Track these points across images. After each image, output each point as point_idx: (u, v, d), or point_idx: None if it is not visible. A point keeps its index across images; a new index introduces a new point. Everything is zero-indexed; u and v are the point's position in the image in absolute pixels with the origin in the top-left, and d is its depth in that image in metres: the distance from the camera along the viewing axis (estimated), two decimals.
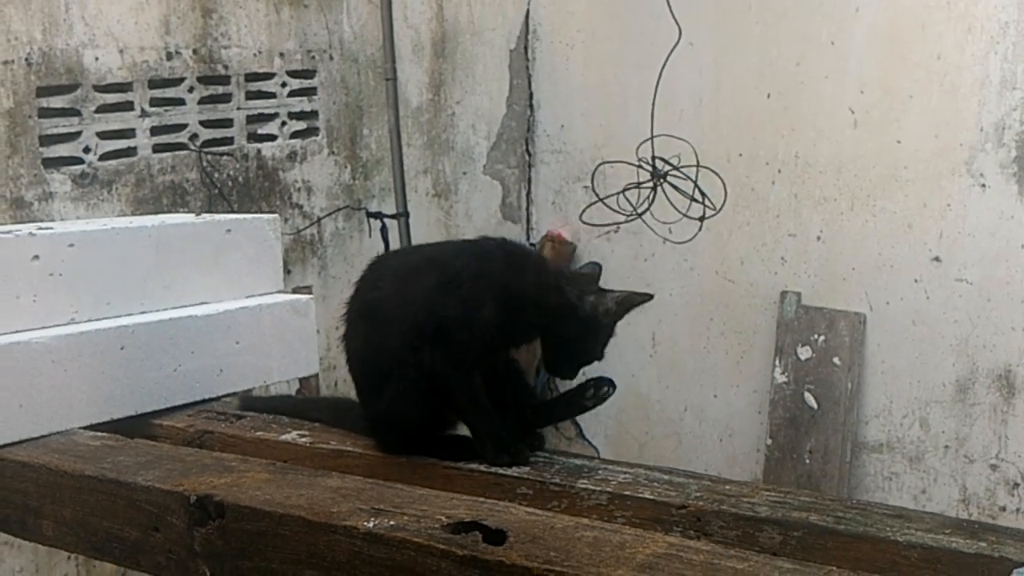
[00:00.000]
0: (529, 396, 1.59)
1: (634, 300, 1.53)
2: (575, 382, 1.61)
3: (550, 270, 1.56)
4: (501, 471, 1.44)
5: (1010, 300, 3.12)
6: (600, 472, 1.42)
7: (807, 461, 3.45)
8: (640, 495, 1.33)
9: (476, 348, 1.45)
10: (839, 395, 3.40)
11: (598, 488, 1.37)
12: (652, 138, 3.14)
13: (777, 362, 3.52)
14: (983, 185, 3.12)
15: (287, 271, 3.23)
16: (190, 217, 1.91)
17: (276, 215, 1.99)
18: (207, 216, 1.91)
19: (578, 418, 4.05)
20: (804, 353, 3.47)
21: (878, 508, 1.25)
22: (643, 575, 1.05)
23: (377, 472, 1.46)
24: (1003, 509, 3.20)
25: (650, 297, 1.52)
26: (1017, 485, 3.20)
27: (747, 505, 1.27)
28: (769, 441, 3.55)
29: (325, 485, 1.34)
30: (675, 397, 3.82)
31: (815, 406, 3.44)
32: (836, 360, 3.41)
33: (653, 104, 3.13)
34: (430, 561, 1.15)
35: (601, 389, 1.55)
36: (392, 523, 1.21)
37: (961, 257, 3.18)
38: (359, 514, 1.24)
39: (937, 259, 3.23)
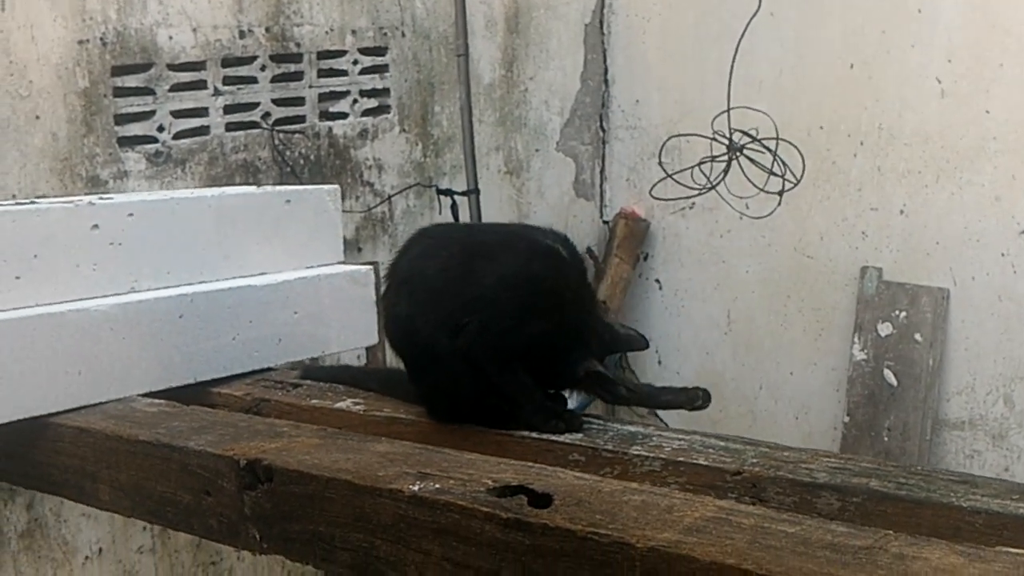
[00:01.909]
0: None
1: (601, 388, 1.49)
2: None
3: (600, 311, 1.52)
4: (553, 438, 1.42)
5: None
6: (654, 439, 1.39)
7: (885, 439, 3.35)
8: (694, 461, 1.30)
9: (518, 352, 1.43)
10: (920, 372, 3.29)
11: (651, 454, 1.34)
12: (728, 110, 3.06)
13: (856, 339, 3.42)
14: None
15: (357, 248, 3.26)
16: (251, 188, 1.93)
17: (336, 186, 1.99)
18: (267, 187, 1.92)
19: None
20: (884, 330, 3.36)
21: (942, 474, 1.19)
22: (690, 537, 1.01)
23: (429, 439, 1.46)
24: None
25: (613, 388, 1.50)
26: None
27: (805, 471, 1.23)
28: (847, 419, 3.45)
29: (373, 450, 1.34)
30: (750, 375, 3.75)
31: (895, 383, 3.33)
32: (918, 336, 3.29)
33: (731, 75, 3.05)
34: (474, 524, 1.14)
35: (708, 401, 1.50)
36: (437, 486, 1.20)
37: None
38: (405, 478, 1.23)
39: None
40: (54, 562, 2.57)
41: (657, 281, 3.93)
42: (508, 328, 1.40)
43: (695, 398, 1.49)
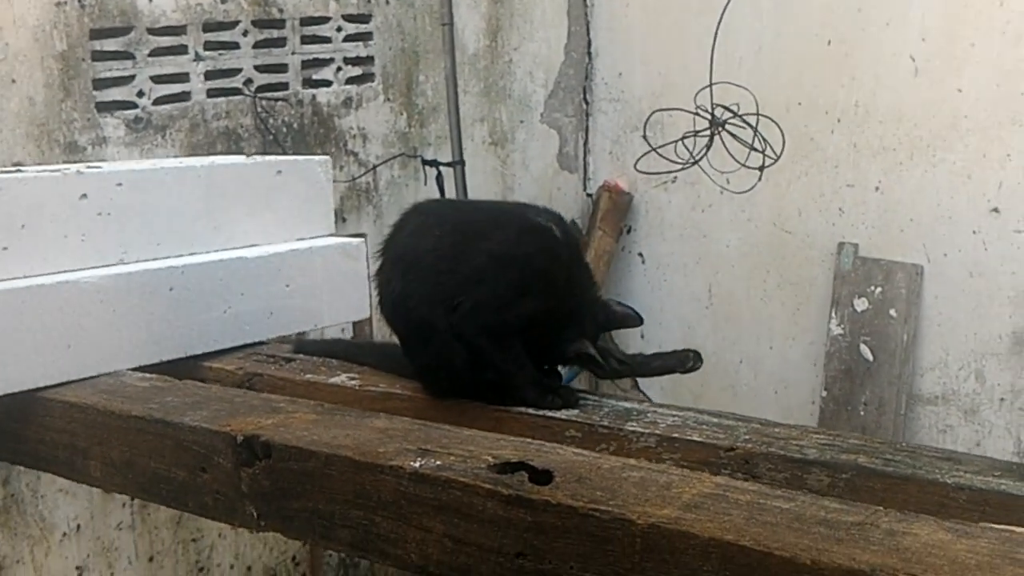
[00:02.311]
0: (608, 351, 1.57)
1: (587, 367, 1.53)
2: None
3: (595, 289, 1.53)
4: (550, 414, 1.44)
5: None
6: (649, 415, 1.41)
7: (862, 413, 3.41)
8: (688, 437, 1.32)
9: (512, 330, 1.44)
10: (895, 347, 3.34)
11: (647, 431, 1.36)
12: (711, 85, 3.06)
13: (833, 314, 3.46)
14: None
15: (342, 219, 3.24)
16: (240, 158, 1.91)
17: (328, 157, 1.98)
18: (258, 157, 1.91)
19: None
20: (860, 305, 3.40)
21: (928, 451, 1.23)
22: (689, 514, 1.03)
23: (426, 414, 1.47)
24: None
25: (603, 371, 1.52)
26: None
27: (796, 447, 1.26)
28: (824, 393, 3.50)
29: (372, 426, 1.34)
30: (731, 349, 3.79)
31: (871, 358, 3.38)
32: (892, 312, 3.34)
33: (712, 50, 3.05)
34: (476, 500, 1.15)
35: (699, 361, 1.52)
36: (438, 463, 1.21)
37: (1020, 208, 3.09)
38: (405, 454, 1.24)
39: (996, 210, 3.14)
40: (31, 539, 2.55)
41: (640, 255, 3.95)
42: (501, 306, 1.42)
43: (686, 360, 1.52)
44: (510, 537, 1.13)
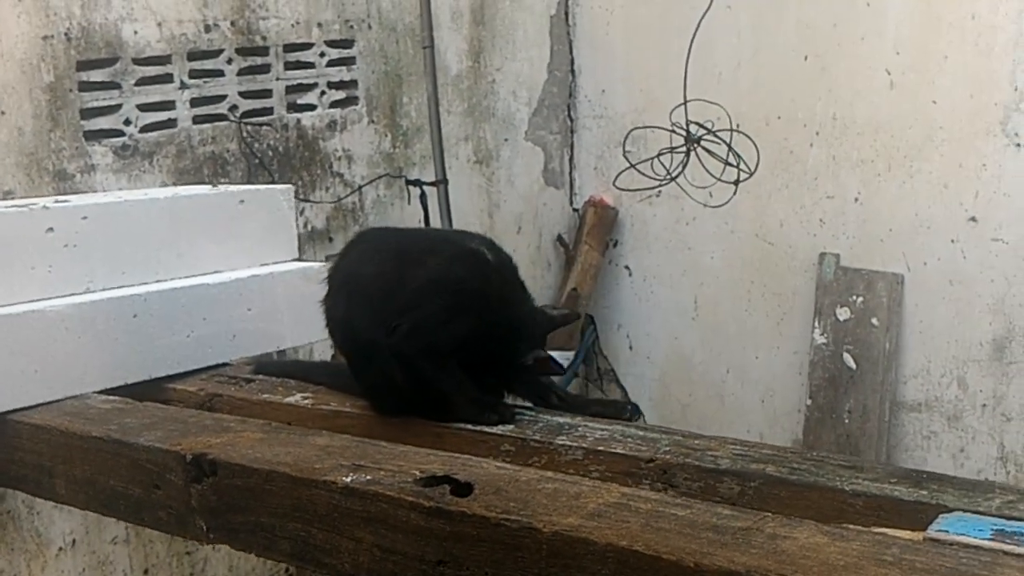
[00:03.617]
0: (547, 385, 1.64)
1: (548, 369, 1.59)
2: None
3: (530, 303, 1.60)
4: (487, 429, 1.50)
5: None
6: (579, 429, 1.47)
7: (846, 421, 3.44)
8: (613, 450, 1.38)
9: (448, 349, 1.52)
10: (877, 355, 3.37)
11: (575, 444, 1.42)
12: (685, 103, 3.13)
13: (816, 323, 3.51)
14: (1018, 144, 3.07)
15: (328, 239, 3.32)
16: (204, 188, 1.98)
17: (290, 186, 2.05)
18: (221, 187, 1.98)
19: (623, 382, 4.10)
20: (843, 314, 3.45)
21: (834, 460, 1.29)
22: (591, 522, 1.10)
23: (372, 431, 1.53)
24: None
25: (560, 371, 1.58)
26: None
27: (710, 458, 1.32)
28: (809, 402, 3.54)
29: (313, 443, 1.41)
30: (717, 359, 3.84)
31: (854, 367, 3.42)
32: (874, 321, 3.38)
33: (686, 68, 3.11)
34: (400, 512, 1.22)
35: (637, 415, 1.59)
36: (369, 477, 1.28)
37: (997, 217, 3.14)
38: (340, 470, 1.31)
39: (973, 219, 3.19)
40: (27, 554, 2.61)
41: (627, 267, 4.01)
42: (436, 327, 1.49)
43: (623, 410, 1.59)
44: (432, 546, 1.19)
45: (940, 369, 3.34)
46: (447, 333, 1.49)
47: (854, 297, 3.43)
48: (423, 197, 3.41)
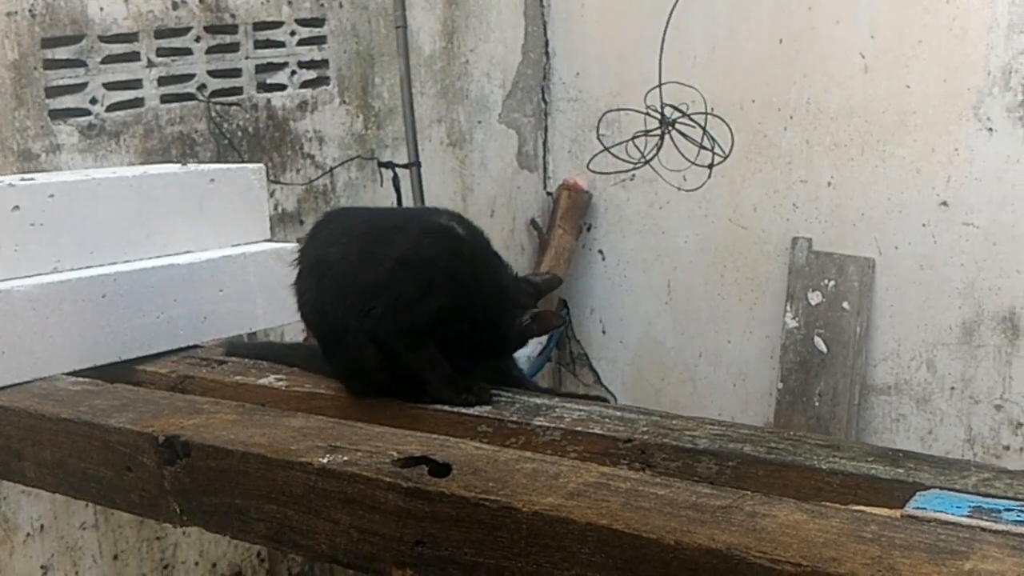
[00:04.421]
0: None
1: (551, 324, 1.58)
2: None
3: (509, 272, 1.58)
4: (464, 411, 1.49)
5: (1015, 243, 3.10)
6: (557, 410, 1.46)
7: (817, 404, 3.47)
8: (591, 431, 1.38)
9: (423, 329, 1.49)
10: (848, 339, 3.40)
11: (552, 425, 1.41)
12: (660, 85, 3.12)
13: (788, 307, 3.52)
14: (990, 129, 3.09)
15: (299, 221, 3.29)
16: (174, 167, 1.95)
17: (261, 165, 2.02)
18: (191, 166, 1.95)
19: (595, 366, 4.11)
20: (815, 298, 3.46)
21: (811, 439, 1.29)
22: (571, 501, 1.09)
23: (347, 413, 1.52)
24: (1007, 448, 3.21)
25: (562, 321, 1.57)
26: (1020, 425, 3.21)
27: (688, 438, 1.31)
28: (780, 385, 3.56)
29: (288, 425, 1.39)
30: (690, 343, 3.85)
31: (825, 350, 3.44)
32: (846, 305, 3.40)
33: (661, 50, 3.11)
34: (378, 493, 1.21)
35: None
36: (345, 459, 1.26)
37: (968, 201, 3.16)
38: (315, 451, 1.29)
39: (945, 203, 3.21)
40: None
41: (600, 252, 4.00)
42: (410, 307, 1.47)
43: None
44: (410, 527, 1.18)
45: (910, 352, 3.37)
46: (421, 313, 1.47)
47: (826, 281, 3.45)
48: (396, 180, 3.38)
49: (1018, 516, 1.00)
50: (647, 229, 3.87)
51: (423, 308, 1.47)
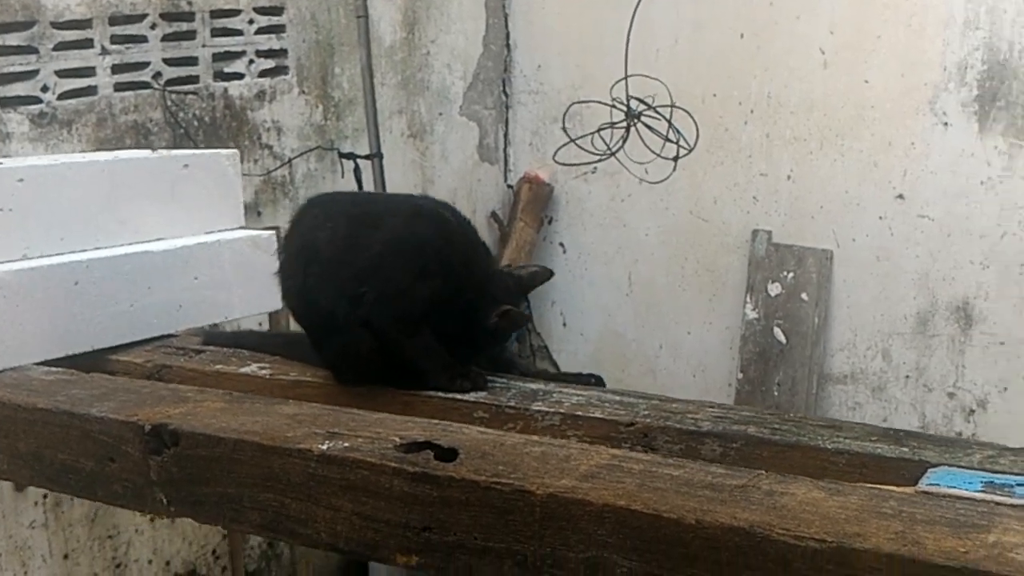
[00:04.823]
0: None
1: (517, 322, 1.55)
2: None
3: (494, 264, 1.56)
4: (459, 396, 1.46)
5: (969, 235, 3.17)
6: (555, 395, 1.45)
7: (776, 393, 3.51)
8: (591, 415, 1.36)
9: (418, 315, 1.46)
10: (807, 329, 3.44)
11: (552, 410, 1.40)
12: (626, 78, 3.12)
13: (748, 299, 3.56)
14: (945, 124, 3.15)
15: (257, 213, 3.23)
16: (146, 152, 1.90)
17: (235, 150, 1.97)
18: (164, 151, 1.90)
19: (556, 358, 4.10)
20: (774, 289, 3.50)
21: (812, 420, 1.30)
22: (585, 483, 1.08)
23: (337, 400, 1.48)
24: (959, 435, 3.28)
25: (528, 319, 1.55)
26: (973, 412, 3.28)
27: (691, 421, 1.31)
28: (740, 375, 3.59)
29: (281, 412, 1.36)
30: (651, 335, 3.87)
31: (784, 341, 3.48)
32: (804, 296, 3.44)
33: (627, 43, 3.11)
34: (383, 479, 1.18)
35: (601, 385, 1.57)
36: (346, 444, 1.23)
37: (924, 194, 3.22)
38: (314, 437, 1.26)
39: (901, 196, 3.27)
40: None
41: (561, 244, 4.00)
42: (403, 292, 1.44)
43: (587, 383, 1.56)
44: (416, 512, 1.16)
45: (866, 342, 3.43)
46: (415, 298, 1.44)
47: (785, 273, 3.49)
48: (357, 171, 3.33)
49: None
50: (608, 222, 3.87)
51: (417, 293, 1.44)
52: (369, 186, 3.33)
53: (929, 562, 0.87)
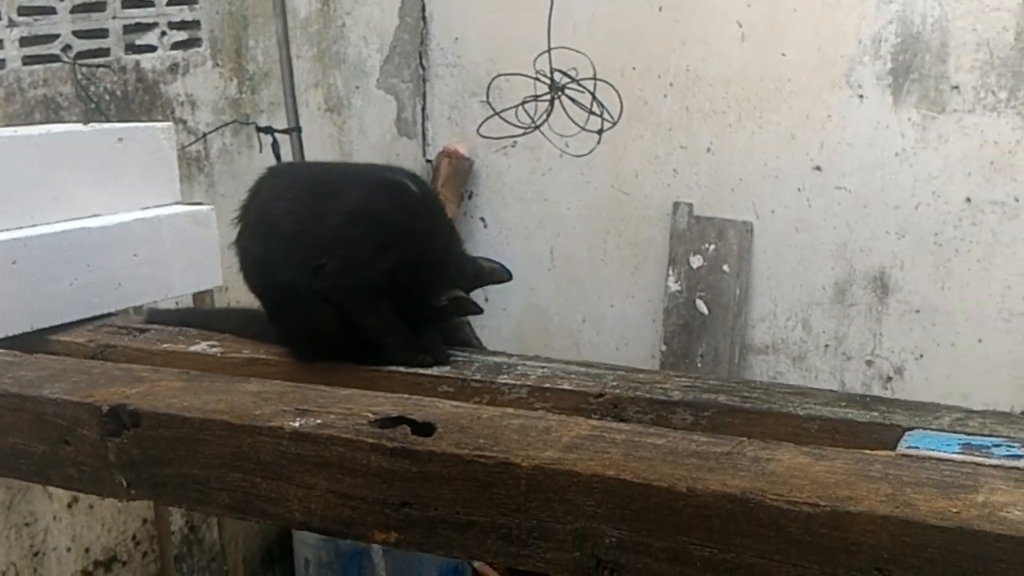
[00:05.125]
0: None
1: (466, 310, 1.54)
2: None
3: (459, 245, 1.54)
4: (422, 371, 1.45)
5: (884, 206, 3.27)
6: (519, 368, 1.45)
7: (699, 364, 3.58)
8: (559, 387, 1.37)
9: (378, 287, 1.44)
10: (728, 301, 3.52)
11: (518, 382, 1.39)
12: (549, 50, 3.12)
13: (671, 271, 3.61)
14: (861, 96, 3.24)
15: None
16: (78, 126, 1.81)
17: (170, 123, 1.90)
18: (96, 124, 1.82)
19: (479, 332, 4.08)
20: (696, 262, 3.56)
21: (780, 387, 1.33)
22: (571, 454, 1.08)
23: (296, 377, 1.44)
24: None
25: (479, 311, 1.54)
26: (890, 379, 3.40)
27: (660, 390, 1.32)
28: (663, 347, 3.65)
29: (245, 390, 1.32)
30: (573, 309, 3.89)
31: (706, 312, 3.55)
32: (725, 268, 3.51)
33: (550, 15, 3.10)
34: (359, 455, 1.16)
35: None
36: (319, 421, 1.21)
37: (840, 166, 3.31)
38: (283, 415, 1.23)
39: (818, 168, 3.35)
40: None
41: (482, 219, 3.99)
42: (363, 264, 1.42)
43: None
44: (395, 488, 1.14)
45: (786, 312, 3.52)
46: (376, 269, 1.41)
47: (706, 245, 3.55)
48: (275, 145, 3.25)
49: (1007, 451, 1.05)
50: (529, 196, 3.88)
51: (378, 264, 1.41)
52: (289, 160, 3.26)
53: (923, 523, 0.90)
